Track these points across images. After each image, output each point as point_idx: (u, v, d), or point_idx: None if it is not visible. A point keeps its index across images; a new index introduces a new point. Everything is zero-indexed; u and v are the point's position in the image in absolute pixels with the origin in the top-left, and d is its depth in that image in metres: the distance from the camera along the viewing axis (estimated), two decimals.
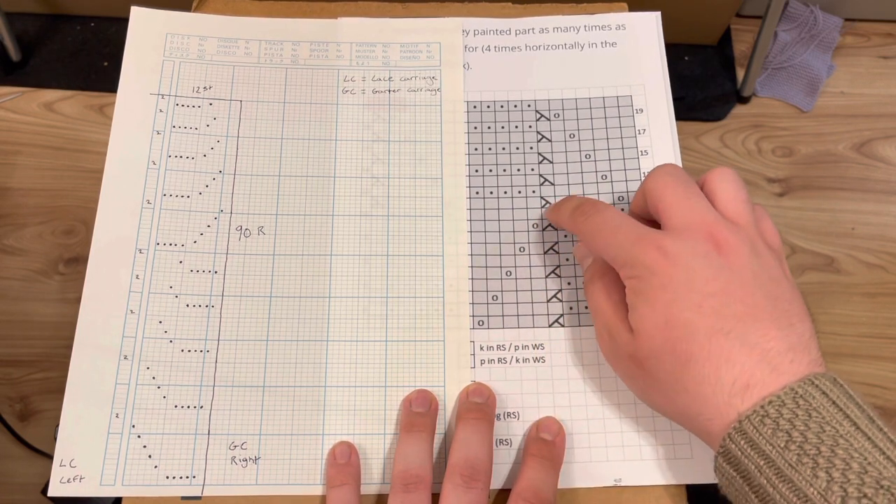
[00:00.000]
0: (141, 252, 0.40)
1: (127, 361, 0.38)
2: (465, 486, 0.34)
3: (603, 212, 0.35)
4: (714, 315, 0.30)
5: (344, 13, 0.46)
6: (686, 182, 0.34)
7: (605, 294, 0.35)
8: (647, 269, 0.32)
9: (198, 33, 0.45)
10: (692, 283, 0.31)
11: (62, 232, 0.99)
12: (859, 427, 0.28)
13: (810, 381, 0.29)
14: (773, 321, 0.30)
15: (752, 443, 0.29)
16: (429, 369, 0.39)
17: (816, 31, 1.10)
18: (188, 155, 0.42)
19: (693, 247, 0.32)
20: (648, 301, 0.32)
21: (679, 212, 0.33)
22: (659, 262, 0.32)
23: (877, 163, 1.06)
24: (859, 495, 0.26)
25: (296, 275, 0.40)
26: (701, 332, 0.30)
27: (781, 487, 0.28)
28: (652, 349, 0.32)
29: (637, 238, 0.33)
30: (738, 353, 0.30)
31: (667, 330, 0.31)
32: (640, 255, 0.32)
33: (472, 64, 0.45)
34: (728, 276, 0.31)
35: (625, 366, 0.34)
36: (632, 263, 0.33)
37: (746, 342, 0.30)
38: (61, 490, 0.36)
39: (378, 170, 0.42)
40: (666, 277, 0.31)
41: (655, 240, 0.32)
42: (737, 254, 0.31)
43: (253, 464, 0.37)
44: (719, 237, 0.32)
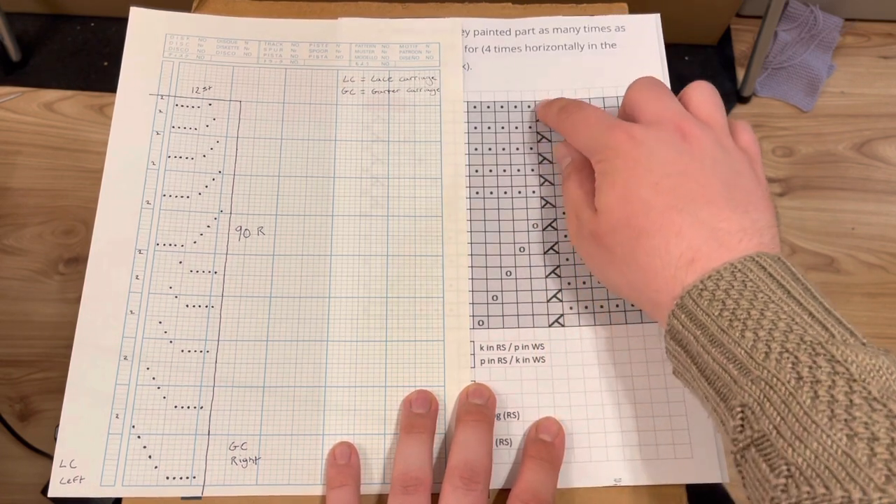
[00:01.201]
0: (140, 252, 0.40)
1: (127, 362, 0.38)
2: (465, 487, 0.34)
3: (584, 109, 0.38)
4: (669, 193, 0.32)
5: (343, 13, 0.46)
6: (661, 87, 0.36)
7: (577, 184, 0.37)
8: (614, 150, 0.34)
9: (197, 34, 0.45)
10: (652, 164, 0.33)
11: (62, 232, 0.99)
12: (792, 295, 0.29)
13: (751, 258, 0.30)
14: (727, 203, 0.32)
15: (691, 314, 0.30)
16: (429, 369, 0.39)
17: (816, 31, 1.10)
18: (188, 155, 0.42)
19: (658, 134, 0.34)
20: (612, 180, 0.34)
21: (651, 108, 0.35)
22: (625, 144, 0.34)
23: (877, 163, 1.06)
24: (782, 350, 0.27)
25: (296, 275, 0.40)
26: (655, 208, 0.32)
27: (713, 351, 0.29)
28: (610, 223, 0.33)
29: (609, 126, 0.35)
30: (688, 228, 0.31)
31: (624, 205, 0.33)
32: (609, 139, 0.34)
33: (472, 64, 0.45)
34: (688, 160, 0.33)
35: (587, 244, 0.36)
36: (601, 148, 0.35)
37: (697, 219, 0.31)
38: (61, 490, 0.36)
39: (378, 170, 0.42)
40: (629, 159, 0.33)
41: (625, 127, 0.34)
42: (700, 143, 0.33)
43: (253, 464, 0.37)
44: (686, 128, 0.34)
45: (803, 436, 0.26)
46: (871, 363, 0.26)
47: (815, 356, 0.27)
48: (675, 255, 0.31)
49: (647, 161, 0.33)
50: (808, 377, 0.26)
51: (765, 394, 0.27)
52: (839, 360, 0.26)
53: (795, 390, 0.26)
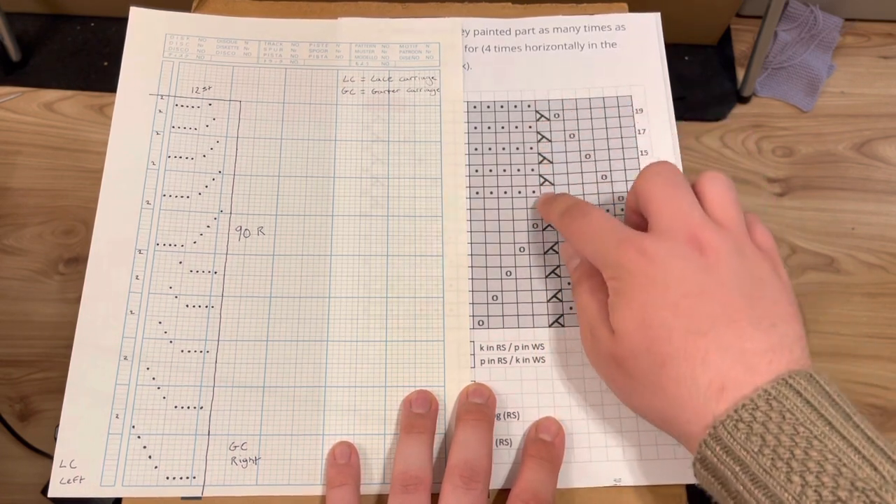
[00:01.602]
0: (140, 252, 0.40)
1: (127, 362, 0.38)
2: (465, 487, 0.34)
3: (589, 214, 0.35)
4: (690, 315, 0.30)
5: (343, 13, 0.46)
6: (675, 183, 0.34)
7: (590, 294, 0.35)
8: (627, 270, 0.32)
9: (197, 34, 0.45)
10: (669, 283, 0.31)
11: (62, 232, 0.99)
12: (834, 426, 0.28)
13: (784, 381, 0.29)
14: (750, 321, 0.30)
15: (727, 449, 0.29)
16: (429, 369, 0.39)
17: (816, 31, 1.10)
18: (187, 155, 0.42)
19: (673, 247, 0.32)
20: (627, 301, 0.32)
21: (665, 213, 0.33)
22: (638, 262, 0.32)
23: (877, 163, 1.06)
24: (833, 499, 0.26)
25: (296, 275, 0.40)
26: (677, 332, 0.30)
27: (757, 493, 0.28)
28: (630, 349, 0.32)
29: (619, 241, 0.33)
30: (713, 353, 0.30)
31: (644, 329, 0.31)
32: (620, 256, 0.32)
33: (472, 64, 0.45)
34: (706, 276, 0.31)
35: (606, 366, 0.34)
36: (613, 265, 0.33)
37: (722, 343, 0.30)
38: (61, 491, 0.36)
39: (378, 170, 0.42)
40: (644, 278, 0.31)
41: (636, 241, 0.32)
42: (717, 254, 0.31)
43: (253, 464, 0.37)
44: (701, 238, 0.32)
45: None
46: None
47: (869, 502, 0.26)
48: (704, 384, 0.29)
49: (664, 280, 0.31)
50: None
51: None
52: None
53: None
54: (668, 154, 0.43)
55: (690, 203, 0.33)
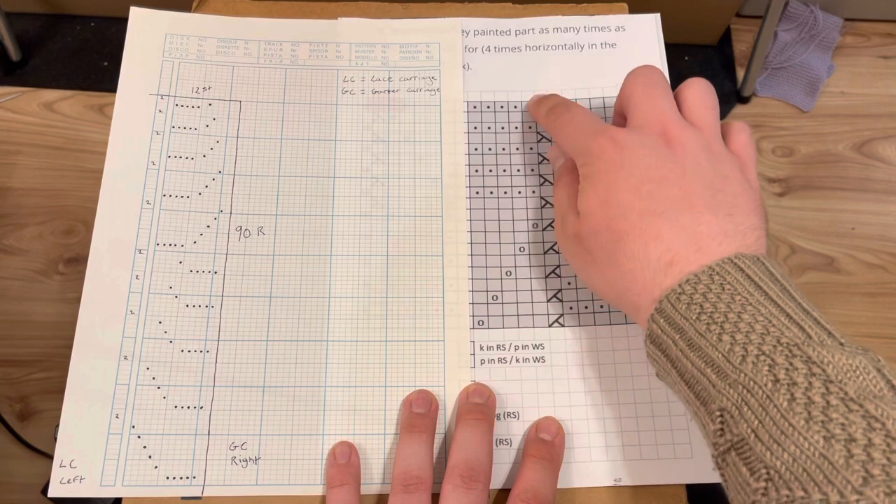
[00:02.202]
0: (141, 252, 0.40)
1: (127, 362, 0.38)
2: (465, 486, 0.34)
3: (571, 110, 0.38)
4: (650, 198, 0.32)
5: (343, 13, 0.46)
6: (655, 83, 0.36)
7: (565, 187, 0.37)
8: (596, 156, 0.34)
9: (197, 34, 0.45)
10: (633, 169, 0.33)
11: (62, 232, 0.99)
12: (769, 297, 0.29)
13: (730, 260, 0.30)
14: (708, 208, 0.31)
15: (669, 318, 0.30)
16: (429, 369, 0.39)
17: (816, 31, 1.10)
18: (188, 155, 0.42)
19: (642, 139, 0.33)
20: (593, 184, 0.34)
21: (641, 110, 0.35)
22: (608, 149, 0.34)
23: (877, 163, 1.06)
24: (758, 353, 0.27)
25: (296, 275, 0.40)
26: (635, 211, 0.32)
27: (692, 355, 0.29)
28: (591, 227, 0.33)
29: (594, 131, 0.35)
30: (667, 231, 0.31)
31: (605, 208, 0.33)
32: (592, 144, 0.34)
33: (472, 64, 0.45)
34: (671, 165, 0.33)
35: (570, 246, 0.36)
36: (585, 153, 0.35)
37: (677, 223, 0.31)
38: (61, 490, 0.36)
39: (378, 170, 0.42)
40: (612, 163, 0.33)
41: (609, 132, 0.34)
42: (684, 148, 0.33)
43: (253, 464, 0.37)
44: (671, 132, 0.33)
45: (781, 439, 0.25)
46: (848, 363, 0.26)
47: (792, 358, 0.27)
48: (654, 258, 0.31)
49: (629, 166, 0.33)
50: (785, 379, 0.26)
51: (742, 397, 0.27)
52: (815, 361, 0.26)
53: (772, 393, 0.26)
54: None
55: (667, 102, 0.35)
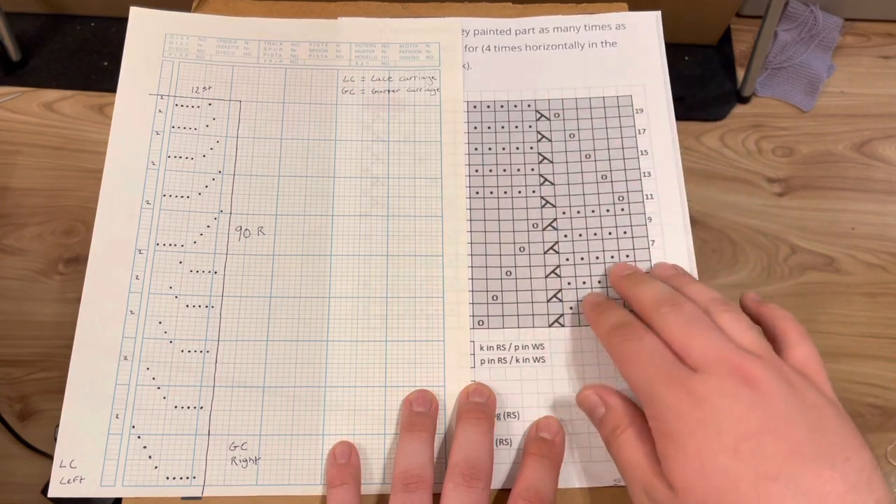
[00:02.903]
0: (140, 252, 0.40)
1: (127, 362, 0.38)
2: (467, 485, 0.34)
3: (643, 340, 0.33)
4: (754, 459, 0.27)
5: (343, 13, 0.46)
6: (695, 317, 0.32)
7: (637, 445, 0.32)
8: (673, 410, 0.29)
9: (197, 33, 0.45)
10: (721, 425, 0.28)
11: (62, 232, 0.99)
12: None
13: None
14: (824, 458, 0.27)
15: None
16: (429, 369, 0.39)
17: (816, 31, 1.10)
18: (187, 155, 0.42)
19: (719, 384, 0.29)
20: (679, 446, 0.29)
21: (696, 346, 0.30)
22: (684, 403, 0.29)
23: (877, 163, 1.06)
24: None
25: (296, 275, 0.40)
26: (744, 480, 0.27)
27: None
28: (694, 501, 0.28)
29: (667, 377, 0.30)
30: (790, 500, 0.26)
31: (705, 479, 0.28)
32: (667, 396, 0.30)
33: (472, 64, 0.45)
34: (762, 413, 0.28)
35: None
36: (658, 404, 0.30)
37: (799, 488, 0.26)
38: (61, 491, 0.36)
39: (378, 170, 0.42)
40: (692, 421, 0.29)
41: (684, 382, 0.30)
42: (768, 385, 0.29)
43: (253, 464, 0.37)
44: (746, 370, 0.29)
45: None
46: None
47: None
48: None
49: (715, 422, 0.28)
50: None
51: None
52: None
53: None
54: (669, 154, 0.43)
55: (717, 331, 0.31)
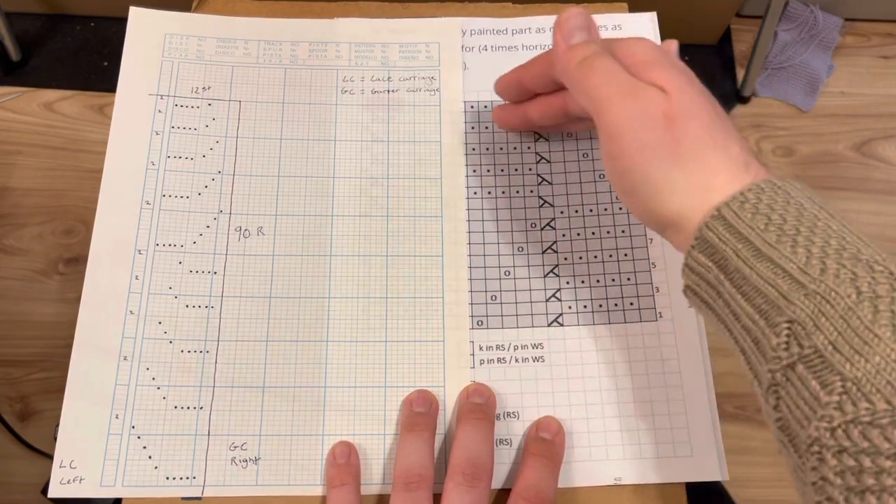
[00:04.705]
0: (140, 253, 0.40)
1: (127, 362, 0.38)
2: (468, 485, 0.34)
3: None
4: (718, 114, 0.31)
5: (343, 13, 0.46)
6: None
7: (618, 64, 0.33)
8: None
9: (196, 33, 0.45)
10: None
11: (62, 232, 0.99)
12: (835, 217, 0.28)
13: (786, 179, 0.29)
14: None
15: (731, 226, 0.29)
16: (428, 369, 0.39)
17: (816, 31, 1.10)
18: (187, 155, 0.42)
19: None
20: (673, 63, 0.32)
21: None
22: None
23: (877, 163, 1.06)
24: (838, 266, 0.26)
25: (295, 275, 0.40)
26: (714, 111, 0.31)
27: (759, 266, 0.28)
28: (689, 105, 0.31)
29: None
30: (736, 136, 0.31)
31: (695, 86, 0.31)
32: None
33: (470, 64, 0.45)
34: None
35: (650, 129, 0.31)
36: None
37: (738, 135, 0.31)
38: (61, 491, 0.36)
39: (377, 170, 0.42)
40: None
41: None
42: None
43: (253, 464, 0.37)
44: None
45: (864, 350, 0.24)
46: None
47: (874, 272, 0.26)
48: (735, 155, 0.30)
49: None
50: (868, 292, 0.25)
51: (820, 308, 0.26)
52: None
53: (855, 304, 0.25)
54: None
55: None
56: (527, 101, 0.40)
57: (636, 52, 0.33)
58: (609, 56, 0.33)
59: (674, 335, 0.39)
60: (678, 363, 0.39)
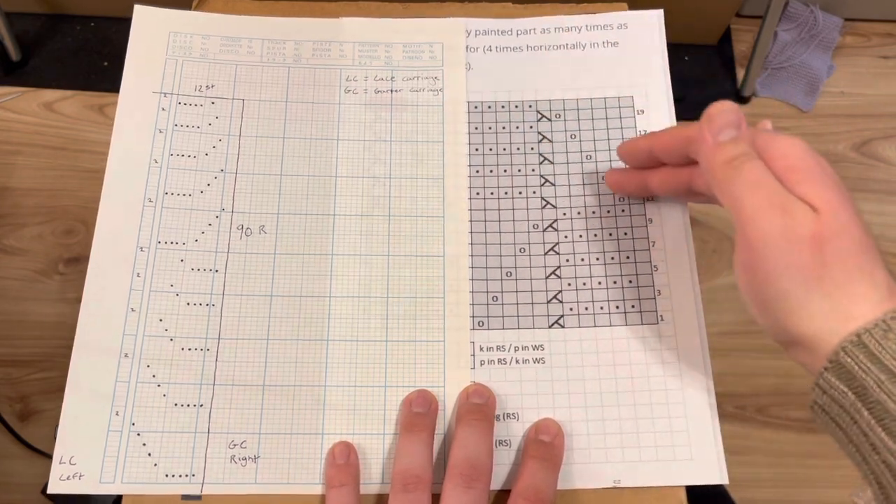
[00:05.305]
0: (142, 250, 0.40)
1: (127, 359, 0.38)
2: (466, 485, 0.34)
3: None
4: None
5: (343, 13, 0.46)
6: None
7: (768, 171, 0.31)
8: None
9: (201, 32, 0.45)
10: None
11: (62, 232, 0.99)
12: None
13: None
14: None
15: (873, 357, 0.27)
16: (429, 369, 0.39)
17: (816, 31, 1.10)
18: (190, 153, 0.42)
19: None
20: (819, 173, 0.31)
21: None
22: None
23: (877, 163, 1.06)
24: None
25: (296, 274, 0.40)
26: (864, 225, 0.30)
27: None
28: (835, 228, 0.29)
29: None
30: (880, 259, 0.30)
31: (848, 205, 0.30)
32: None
33: (474, 64, 0.45)
34: None
35: (797, 251, 0.30)
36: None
37: (881, 257, 0.30)
38: (61, 487, 0.36)
39: (379, 170, 0.42)
40: None
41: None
42: None
43: (252, 462, 0.37)
44: None
45: None
46: None
47: None
48: (879, 280, 0.29)
49: None
50: None
51: None
52: None
53: None
54: None
55: None
56: (650, 169, 0.39)
57: (788, 157, 0.31)
58: (759, 161, 0.31)
59: (675, 338, 0.39)
60: (679, 367, 0.38)
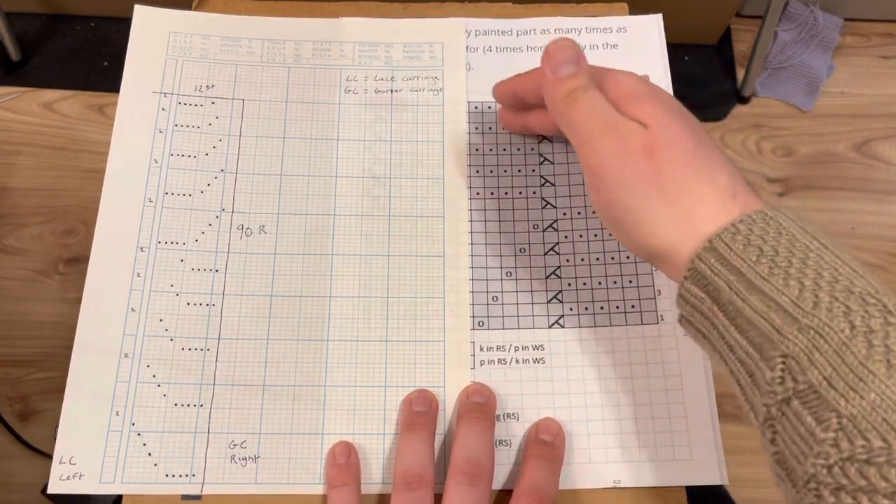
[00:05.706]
0: (142, 250, 0.40)
1: (127, 359, 0.38)
2: (468, 484, 0.34)
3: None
4: (701, 139, 0.32)
5: (343, 13, 0.46)
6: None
7: (600, 95, 0.34)
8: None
9: (201, 32, 0.45)
10: None
11: (62, 232, 0.99)
12: (827, 247, 0.28)
13: (777, 209, 0.29)
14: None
15: (723, 258, 0.29)
16: (429, 369, 0.39)
17: (816, 31, 1.10)
18: (190, 153, 0.42)
19: None
20: (657, 94, 0.33)
21: None
22: None
23: (877, 163, 1.06)
24: (831, 299, 0.26)
25: (296, 274, 0.40)
26: (700, 136, 0.32)
27: (752, 299, 0.28)
28: (666, 139, 0.31)
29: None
30: (724, 165, 0.31)
31: (679, 119, 0.32)
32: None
33: (474, 64, 0.45)
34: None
35: (631, 164, 0.31)
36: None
37: (726, 164, 0.31)
38: (61, 487, 0.36)
39: (379, 170, 0.42)
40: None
41: None
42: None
43: (252, 462, 0.37)
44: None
45: (858, 386, 0.24)
46: None
47: (867, 306, 0.26)
48: (722, 185, 0.30)
49: None
50: (862, 326, 0.25)
51: (814, 343, 0.26)
52: (891, 310, 0.25)
53: (849, 339, 0.25)
54: None
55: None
56: (526, 111, 0.41)
57: (622, 86, 0.33)
58: (594, 90, 0.34)
59: (675, 338, 0.39)
60: (679, 366, 0.39)
